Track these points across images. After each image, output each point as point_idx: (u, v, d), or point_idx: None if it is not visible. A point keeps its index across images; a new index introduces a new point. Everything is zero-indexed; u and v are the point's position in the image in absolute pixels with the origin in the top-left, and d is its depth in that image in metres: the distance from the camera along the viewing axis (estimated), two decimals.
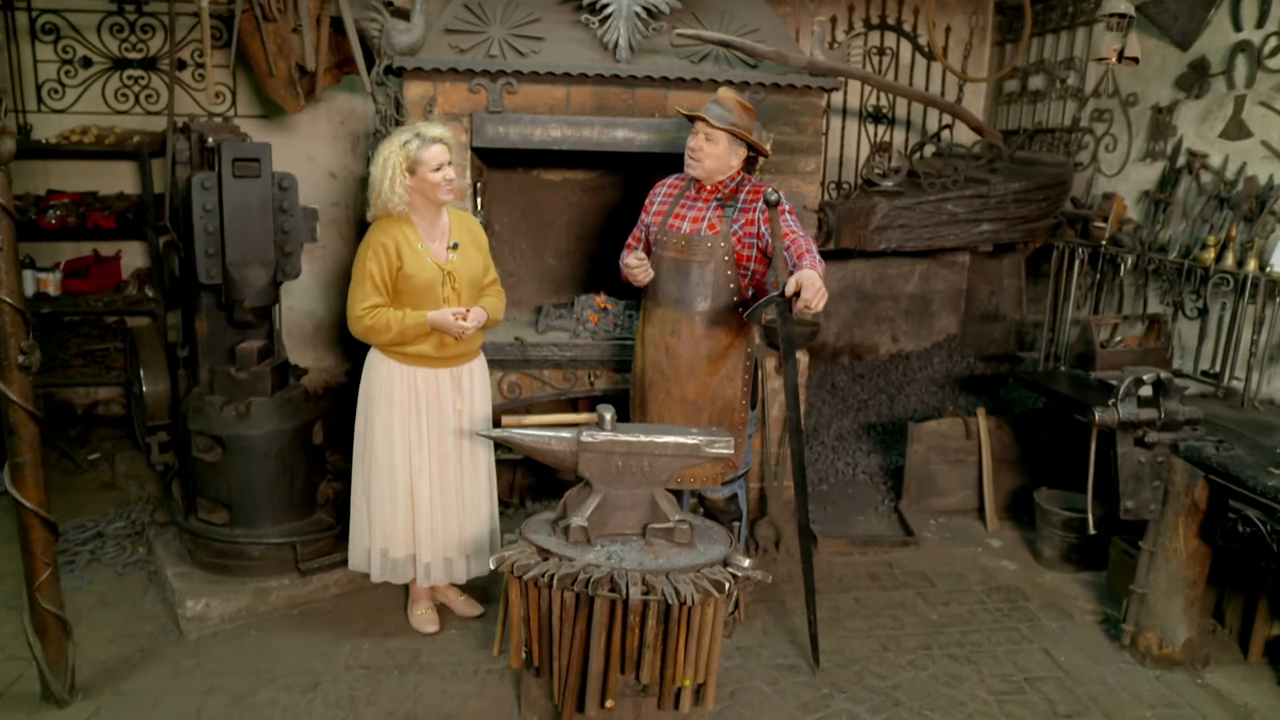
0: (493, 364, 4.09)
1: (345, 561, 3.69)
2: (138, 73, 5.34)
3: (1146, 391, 3.31)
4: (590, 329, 4.26)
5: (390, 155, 3.10)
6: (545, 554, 2.69)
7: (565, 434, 2.79)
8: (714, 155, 3.21)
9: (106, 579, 3.82)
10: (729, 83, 3.90)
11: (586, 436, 2.77)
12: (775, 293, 2.87)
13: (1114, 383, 4.00)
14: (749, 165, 3.39)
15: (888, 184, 4.61)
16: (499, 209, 4.88)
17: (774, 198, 2.76)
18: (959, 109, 4.86)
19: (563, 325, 4.36)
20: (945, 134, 5.38)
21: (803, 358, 4.24)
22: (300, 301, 5.74)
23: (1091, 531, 3.37)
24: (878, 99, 5.79)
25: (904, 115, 5.85)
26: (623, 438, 2.77)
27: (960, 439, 4.61)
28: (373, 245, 3.15)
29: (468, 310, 3.20)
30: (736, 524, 3.55)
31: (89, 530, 4.12)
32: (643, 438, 2.78)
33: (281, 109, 4.77)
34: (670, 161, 4.43)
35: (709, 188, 3.30)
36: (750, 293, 3.29)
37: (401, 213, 3.16)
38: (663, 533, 2.76)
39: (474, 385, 3.38)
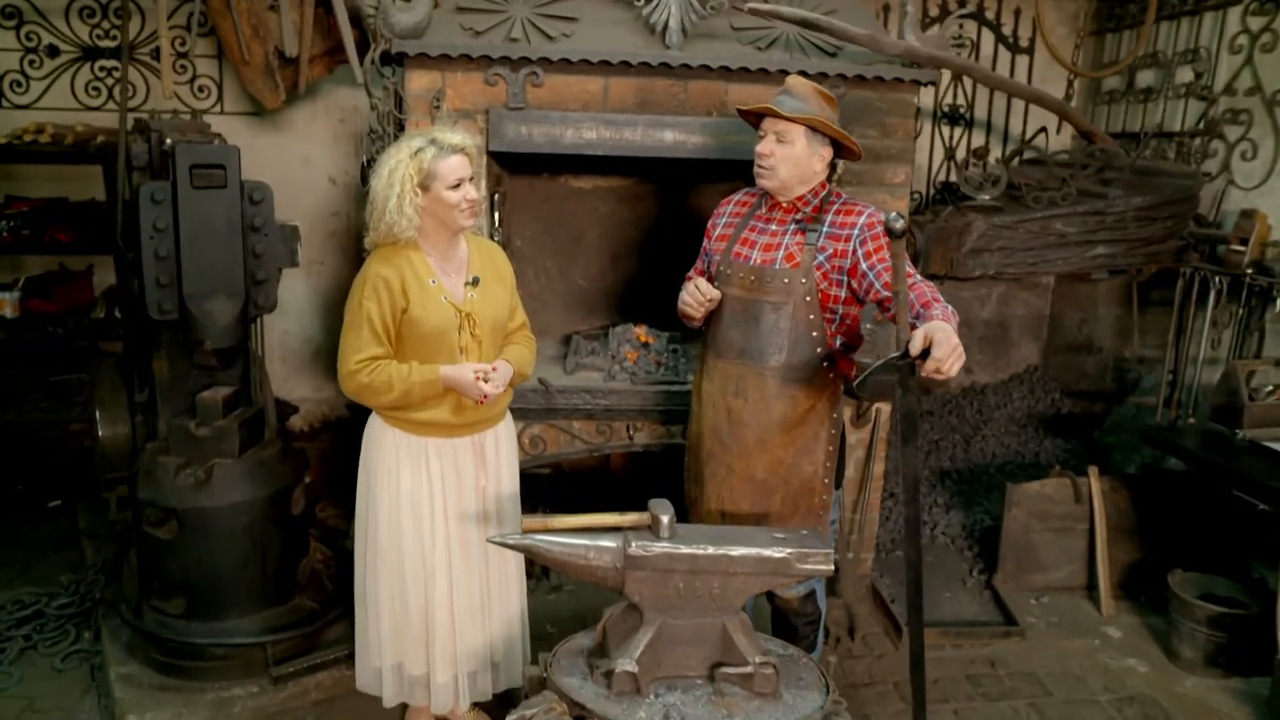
0: (513, 412, 3.39)
1: (327, 663, 3.03)
2: (111, 63, 4.68)
3: None
4: (629, 369, 3.55)
5: (398, 167, 2.38)
6: (580, 711, 1.98)
7: (608, 543, 2.08)
8: (790, 159, 2.48)
9: (41, 674, 3.14)
10: (801, 73, 3.19)
11: (636, 547, 2.05)
12: (894, 353, 2.15)
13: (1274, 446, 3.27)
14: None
15: (984, 198, 3.87)
16: (521, 221, 4.18)
17: (899, 225, 2.02)
18: (1069, 110, 4.12)
19: (595, 364, 3.65)
20: (1039, 139, 4.63)
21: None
22: (297, 324, 5.08)
23: None
24: (954, 96, 5.06)
25: (983, 116, 5.12)
26: (685, 550, 2.06)
27: (1067, 503, 3.86)
28: (371, 280, 2.44)
29: (493, 367, 2.50)
30: (813, 626, 2.84)
31: (28, 608, 3.44)
32: (711, 549, 2.06)
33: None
34: (728, 170, 3.73)
35: (785, 206, 2.58)
36: (838, 343, 2.56)
37: (410, 239, 2.46)
38: (738, 679, 2.05)
39: (500, 455, 2.68)
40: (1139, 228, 3.87)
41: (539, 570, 3.94)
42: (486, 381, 2.44)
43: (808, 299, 2.47)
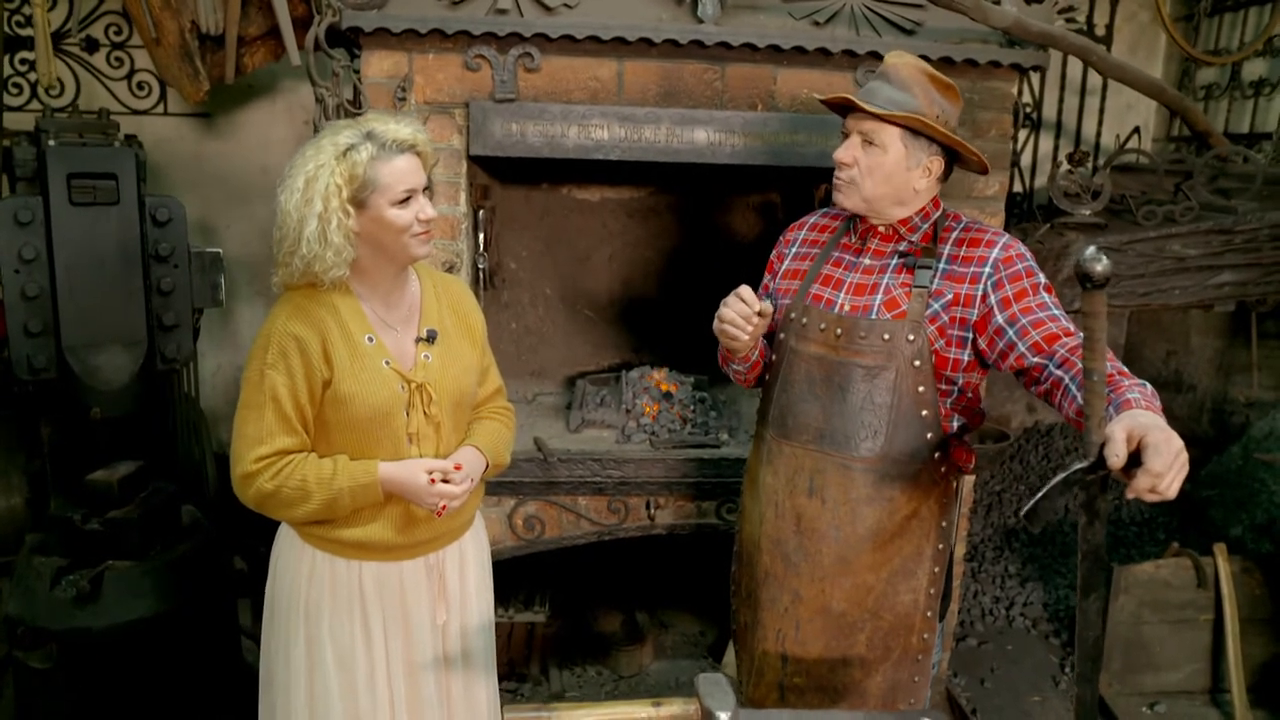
0: (502, 486, 2.69)
1: None
2: (33, 55, 3.98)
3: None
4: (647, 427, 2.83)
5: (319, 175, 1.62)
6: None
7: None
8: (879, 172, 1.77)
9: None
10: (871, 55, 2.49)
11: None
12: (1079, 464, 1.43)
13: None
14: None
15: (1084, 213, 3.15)
16: (515, 239, 3.47)
17: (1099, 267, 1.29)
18: (1191, 106, 3.41)
19: (605, 419, 2.93)
20: (1131, 142, 3.93)
21: None
22: None
23: None
24: (1020, 92, 4.36)
25: (1050, 116, 4.43)
26: None
27: (1188, 589, 3.14)
28: (278, 341, 1.68)
29: (456, 464, 1.76)
30: None
31: None
32: None
33: (232, 100, 3.41)
34: (768, 178, 3.03)
35: (883, 232, 1.86)
36: (954, 424, 1.85)
37: (338, 280, 1.71)
38: None
39: (466, 579, 1.93)
40: (1274, 249, 3.16)
41: (536, 669, 3.23)
42: (446, 483, 1.71)
43: (917, 363, 1.75)
